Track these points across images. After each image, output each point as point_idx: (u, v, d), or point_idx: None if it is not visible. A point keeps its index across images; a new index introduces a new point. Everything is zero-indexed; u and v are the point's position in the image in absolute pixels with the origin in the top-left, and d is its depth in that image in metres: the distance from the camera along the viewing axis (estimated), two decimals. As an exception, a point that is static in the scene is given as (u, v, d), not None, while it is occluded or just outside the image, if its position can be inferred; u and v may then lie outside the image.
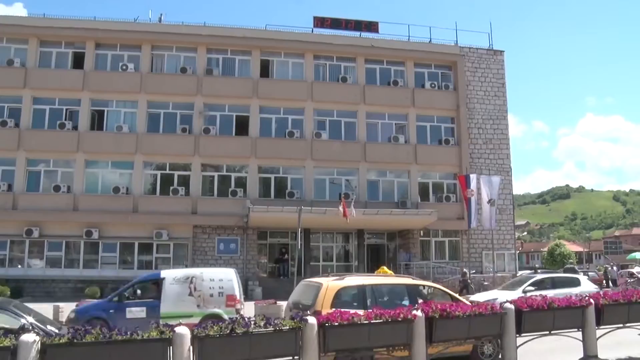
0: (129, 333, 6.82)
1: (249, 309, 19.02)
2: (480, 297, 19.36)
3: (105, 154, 32.20)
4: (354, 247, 34.30)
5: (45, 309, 20.94)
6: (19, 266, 30.65)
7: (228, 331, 7.33)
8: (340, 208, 29.03)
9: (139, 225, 31.25)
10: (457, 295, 12.07)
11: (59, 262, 31.15)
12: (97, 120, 32.88)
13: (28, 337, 6.45)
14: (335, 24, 35.60)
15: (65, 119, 32.34)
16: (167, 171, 32.62)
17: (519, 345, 9.92)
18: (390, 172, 34.85)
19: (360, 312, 8.86)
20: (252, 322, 7.59)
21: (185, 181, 32.40)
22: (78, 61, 33.21)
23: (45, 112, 32.43)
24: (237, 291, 15.98)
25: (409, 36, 36.31)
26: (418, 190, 34.52)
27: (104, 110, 32.89)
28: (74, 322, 15.43)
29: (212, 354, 7.25)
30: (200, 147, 32.27)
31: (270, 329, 7.67)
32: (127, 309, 15.40)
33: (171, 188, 31.99)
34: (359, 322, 8.33)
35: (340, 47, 34.97)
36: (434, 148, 35.28)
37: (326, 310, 9.53)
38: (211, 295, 15.62)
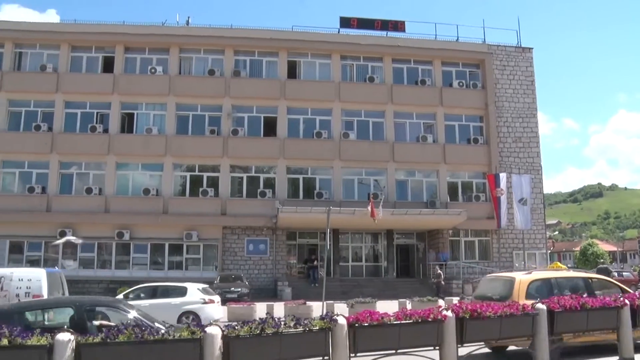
0: (160, 333, 6.86)
1: (278, 310, 19.06)
2: None
3: (136, 156, 32.64)
4: (383, 247, 34.17)
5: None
6: (55, 267, 31.10)
7: (258, 331, 7.30)
8: (369, 208, 28.91)
9: (169, 227, 31.59)
10: (625, 287, 12.25)
11: (92, 263, 31.67)
12: (127, 123, 33.37)
13: (63, 336, 6.51)
14: (362, 23, 35.53)
15: (96, 122, 32.90)
16: (197, 172, 32.93)
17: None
18: (419, 172, 34.63)
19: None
20: (282, 323, 7.56)
21: (214, 182, 32.65)
22: (108, 65, 33.78)
23: (76, 116, 33.02)
24: (45, 292, 15.44)
25: (435, 35, 36.14)
26: (447, 189, 34.26)
27: (133, 113, 33.37)
28: None
29: (243, 354, 7.23)
30: (229, 148, 32.49)
31: (300, 329, 7.62)
32: None
33: (200, 189, 32.28)
34: (389, 323, 8.25)
35: (367, 47, 34.90)
36: (462, 147, 34.95)
37: (522, 300, 10.19)
38: (17, 295, 15.23)
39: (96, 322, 8.74)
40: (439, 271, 28.90)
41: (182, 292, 18.71)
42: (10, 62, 33.22)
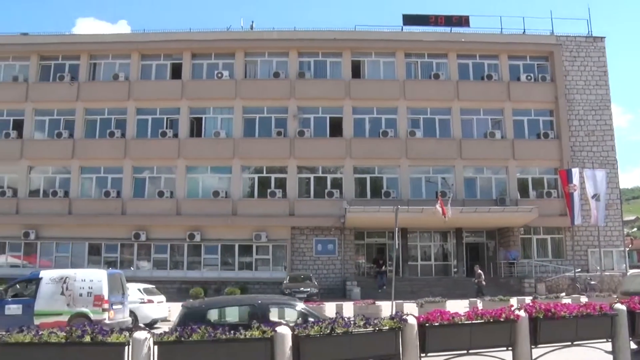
0: (232, 332, 7.00)
1: (347, 309, 19.07)
2: None
3: (205, 160, 33.37)
4: (452, 245, 33.68)
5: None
6: (131, 268, 32.23)
7: (328, 331, 7.35)
8: (437, 207, 28.44)
9: (239, 228, 32.13)
10: None
11: (165, 264, 32.60)
12: (196, 127, 34.19)
13: (140, 335, 6.76)
14: (425, 20, 35.20)
15: (166, 128, 33.85)
16: (264, 174, 33.37)
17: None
18: (488, 169, 33.94)
19: None
20: (352, 322, 7.59)
21: (282, 183, 33.00)
22: (176, 72, 34.71)
23: (147, 122, 34.08)
24: (105, 292, 16.00)
25: (501, 28, 35.44)
26: (517, 186, 33.41)
27: (202, 117, 34.15)
28: None
29: (313, 353, 7.30)
30: (296, 149, 32.77)
31: (370, 328, 7.65)
32: (6, 306, 15.96)
33: (269, 191, 32.70)
34: (460, 322, 8.14)
35: (431, 44, 34.55)
36: (532, 142, 34.05)
37: None
38: (80, 295, 15.85)
39: None
40: (479, 271, 27.98)
41: None
42: (86, 72, 34.64)
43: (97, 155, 33.23)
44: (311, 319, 8.50)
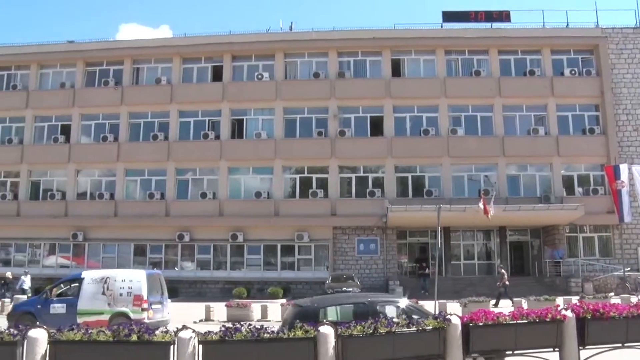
0: (275, 332, 7.10)
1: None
2: None
3: (246, 161, 33.69)
4: (495, 244, 33.22)
5: (197, 308, 22.32)
6: (175, 269, 32.79)
7: (371, 331, 7.37)
8: (480, 205, 28.11)
9: (281, 228, 32.33)
10: None
11: (208, 265, 33.06)
12: (237, 129, 34.54)
13: (185, 334, 6.91)
14: (465, 16, 34.75)
15: (208, 130, 34.29)
16: (306, 174, 33.51)
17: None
18: (531, 166, 33.34)
19: None
20: (395, 322, 7.59)
21: (323, 184, 33.08)
22: (217, 74, 35.13)
23: (190, 124, 34.59)
24: (144, 292, 16.34)
25: (543, 22, 34.69)
26: (562, 183, 32.70)
27: (243, 119, 34.49)
28: (11, 315, 17.14)
29: (356, 353, 7.32)
30: (337, 149, 32.79)
31: (413, 328, 7.64)
32: (51, 305, 16.53)
33: (310, 191, 32.83)
34: (504, 322, 8.05)
35: (471, 40, 34.08)
36: (577, 138, 33.28)
37: None
38: (120, 295, 16.21)
39: None
40: (502, 270, 27.31)
41: None
42: (129, 77, 35.40)
43: (141, 158, 33.91)
44: (415, 316, 8.52)
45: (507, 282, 26.38)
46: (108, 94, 34.78)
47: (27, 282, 26.07)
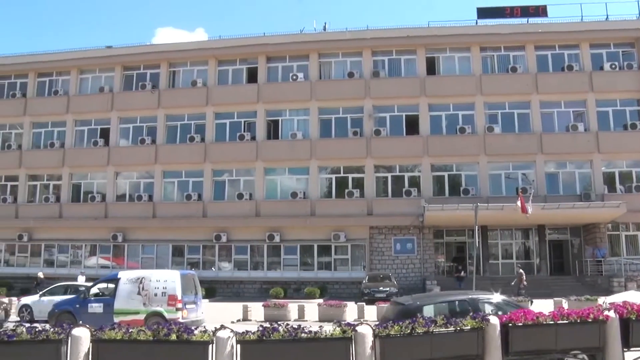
0: (312, 332, 7.08)
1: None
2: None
3: (282, 161, 33.87)
4: (534, 243, 32.73)
5: (235, 308, 22.52)
6: (213, 269, 33.17)
7: (409, 331, 7.34)
8: (518, 203, 27.83)
9: (317, 228, 32.42)
10: None
11: (245, 265, 33.34)
12: (273, 130, 34.78)
13: (224, 333, 6.99)
14: (500, 12, 34.26)
15: (244, 131, 34.59)
16: (341, 174, 33.55)
17: None
18: (571, 163, 32.74)
19: None
20: (433, 322, 7.54)
21: (359, 183, 33.06)
22: (252, 76, 35.43)
23: (225, 126, 34.94)
24: (179, 292, 16.59)
25: (581, 16, 34.09)
26: (603, 180, 32.03)
27: (278, 120, 34.70)
28: (52, 313, 17.56)
29: (393, 353, 7.29)
30: (372, 149, 32.74)
31: (451, 328, 7.58)
32: (89, 305, 17.05)
33: (346, 191, 32.85)
34: (545, 323, 7.89)
35: (507, 37, 33.64)
36: (618, 134, 32.54)
37: None
38: (155, 295, 16.56)
39: None
40: (521, 270, 26.66)
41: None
42: (166, 80, 35.98)
43: (178, 160, 34.40)
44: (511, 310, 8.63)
45: (525, 283, 26.10)
46: (145, 97, 35.40)
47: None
